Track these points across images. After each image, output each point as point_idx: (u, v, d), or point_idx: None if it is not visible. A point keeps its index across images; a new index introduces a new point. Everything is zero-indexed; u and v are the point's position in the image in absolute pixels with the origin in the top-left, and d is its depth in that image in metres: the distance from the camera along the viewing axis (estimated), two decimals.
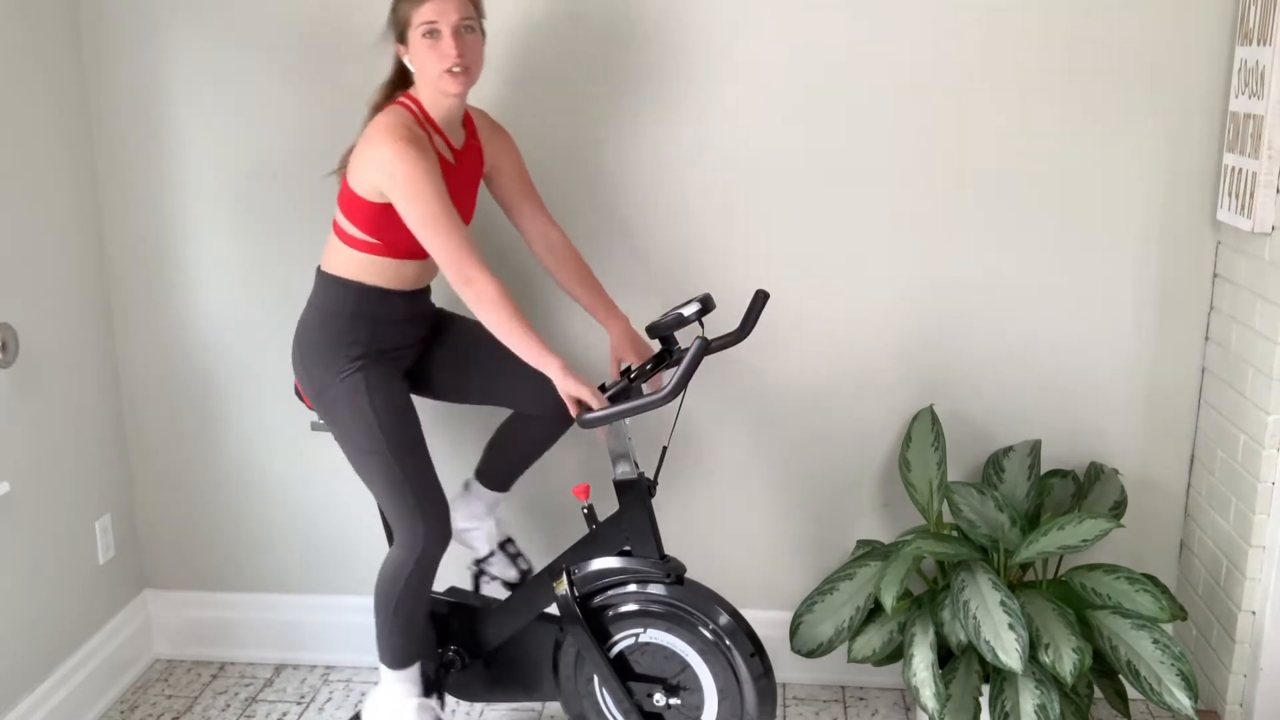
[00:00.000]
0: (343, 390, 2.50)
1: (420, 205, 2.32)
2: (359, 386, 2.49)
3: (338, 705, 3.06)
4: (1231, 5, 2.63)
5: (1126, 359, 2.86)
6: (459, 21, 2.38)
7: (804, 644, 2.74)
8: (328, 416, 2.55)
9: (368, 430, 2.49)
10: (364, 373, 2.50)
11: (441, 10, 2.37)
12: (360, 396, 2.49)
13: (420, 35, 2.38)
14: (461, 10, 2.39)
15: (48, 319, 2.83)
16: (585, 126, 2.85)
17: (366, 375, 2.50)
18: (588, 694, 2.66)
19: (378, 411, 2.49)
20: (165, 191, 2.99)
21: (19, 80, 2.72)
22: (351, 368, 2.50)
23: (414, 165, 2.31)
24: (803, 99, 2.79)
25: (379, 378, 2.51)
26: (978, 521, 2.66)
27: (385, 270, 2.50)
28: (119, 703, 3.08)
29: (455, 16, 2.37)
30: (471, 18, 2.42)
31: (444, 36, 2.37)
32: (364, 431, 2.50)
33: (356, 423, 2.50)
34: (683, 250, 2.90)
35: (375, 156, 2.36)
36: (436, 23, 2.36)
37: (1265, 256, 2.55)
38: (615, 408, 2.33)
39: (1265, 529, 2.61)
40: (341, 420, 2.52)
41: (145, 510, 3.21)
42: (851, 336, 2.91)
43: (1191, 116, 2.71)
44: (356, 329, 2.51)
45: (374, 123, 2.41)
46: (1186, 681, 2.41)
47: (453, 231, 2.33)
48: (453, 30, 2.37)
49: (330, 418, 2.55)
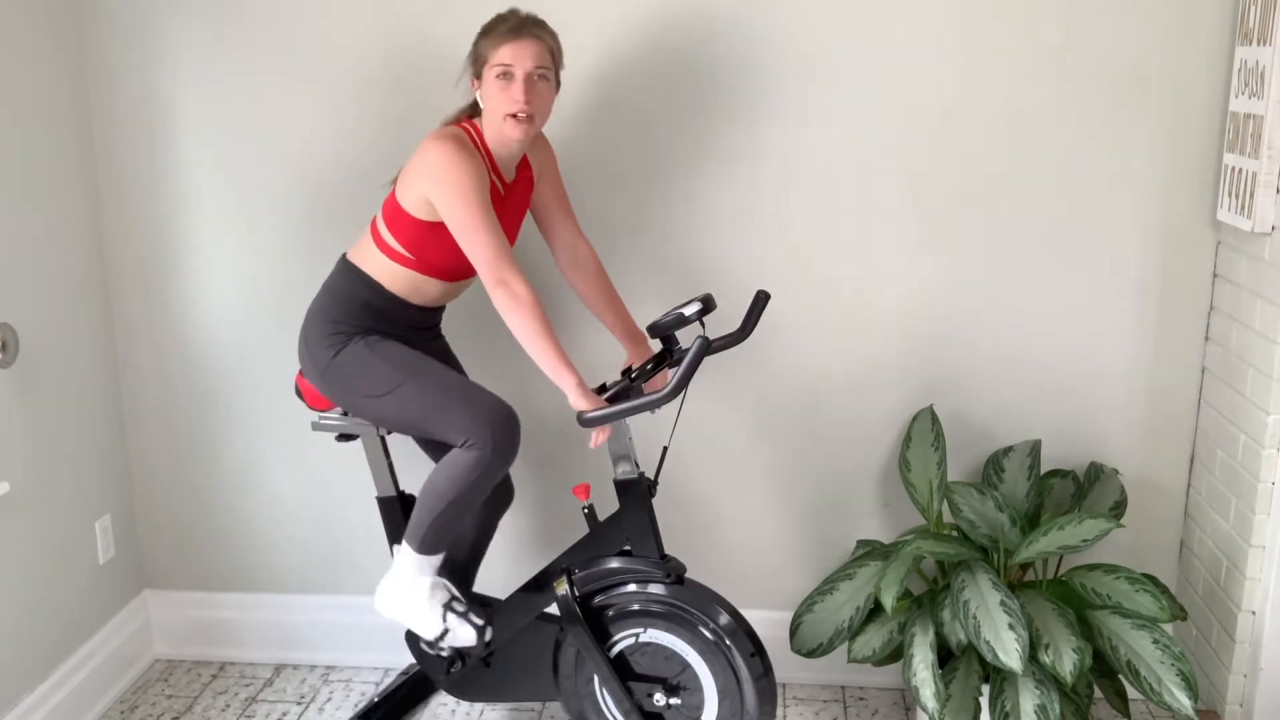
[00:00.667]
0: (344, 356, 2.51)
1: (463, 208, 2.33)
2: (358, 348, 2.51)
3: (338, 705, 3.06)
4: (1231, 5, 2.63)
5: (1126, 359, 2.86)
6: (534, 69, 2.40)
7: (804, 644, 2.74)
8: (336, 388, 2.54)
9: (380, 373, 2.48)
10: (365, 338, 2.52)
11: (518, 55, 2.39)
12: (363, 353, 2.50)
13: (494, 75, 2.40)
14: (538, 58, 2.40)
15: (48, 319, 2.83)
16: (593, 125, 2.85)
17: (367, 339, 2.52)
18: (588, 694, 2.66)
19: (383, 355, 2.49)
20: (166, 191, 2.99)
21: (19, 80, 2.72)
22: (351, 339, 2.52)
23: (461, 169, 2.34)
24: (804, 101, 2.79)
25: (380, 339, 2.53)
26: (978, 521, 2.66)
27: (412, 283, 2.52)
28: (119, 703, 3.08)
29: (531, 64, 2.39)
30: (547, 67, 2.43)
31: (516, 81, 2.39)
32: (377, 377, 2.49)
33: (368, 373, 2.49)
34: (684, 250, 2.90)
35: (423, 161, 2.38)
36: (512, 66, 2.38)
37: (1265, 256, 2.55)
38: (615, 407, 2.34)
39: (1265, 529, 2.61)
40: (352, 382, 2.51)
41: (145, 510, 3.21)
42: (852, 336, 2.91)
43: (1191, 116, 2.71)
44: (363, 317, 2.53)
45: (427, 136, 2.43)
46: (1186, 681, 2.42)
47: (492, 234, 2.34)
48: (525, 76, 2.39)
49: (340, 386, 2.53)
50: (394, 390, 2.48)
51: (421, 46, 2.83)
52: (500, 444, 2.43)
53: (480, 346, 2.95)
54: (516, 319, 2.34)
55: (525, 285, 2.34)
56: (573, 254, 2.70)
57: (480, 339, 2.94)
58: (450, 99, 2.63)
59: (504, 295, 2.33)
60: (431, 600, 2.59)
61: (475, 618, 2.60)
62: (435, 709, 3.03)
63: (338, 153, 2.91)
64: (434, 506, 2.50)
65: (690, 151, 2.84)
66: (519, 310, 2.33)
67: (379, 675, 3.19)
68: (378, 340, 2.53)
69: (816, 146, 2.81)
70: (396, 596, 2.61)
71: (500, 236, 2.36)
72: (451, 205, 2.34)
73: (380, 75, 2.86)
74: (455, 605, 2.61)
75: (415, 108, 2.83)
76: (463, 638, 2.60)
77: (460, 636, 2.60)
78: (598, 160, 2.87)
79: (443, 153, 2.35)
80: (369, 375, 2.50)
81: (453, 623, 2.59)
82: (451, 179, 2.34)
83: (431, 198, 2.38)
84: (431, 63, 2.81)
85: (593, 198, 2.88)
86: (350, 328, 2.53)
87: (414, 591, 2.60)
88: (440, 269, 2.49)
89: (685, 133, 2.83)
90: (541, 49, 2.41)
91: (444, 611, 2.59)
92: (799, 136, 2.81)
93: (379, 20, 2.83)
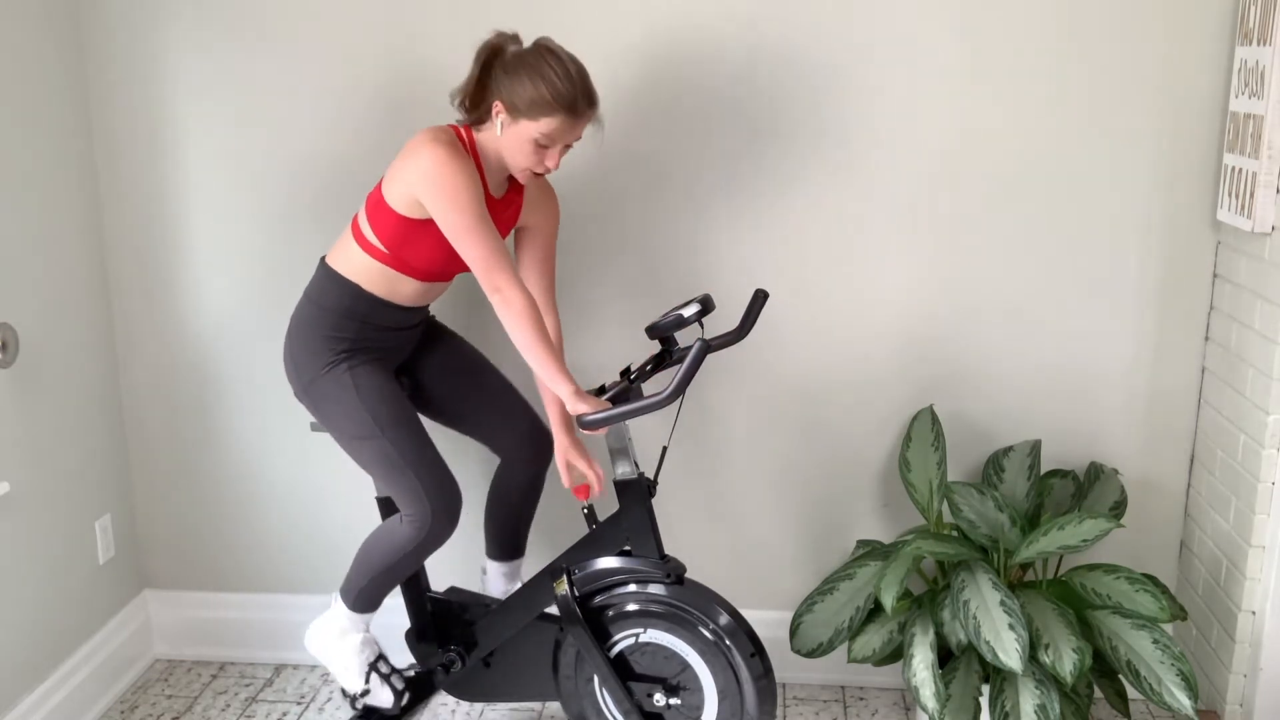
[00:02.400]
0: (328, 382, 2.50)
1: (458, 213, 2.32)
2: (343, 377, 2.50)
3: (338, 705, 3.06)
4: (1231, 5, 2.63)
5: (1126, 359, 2.86)
6: (574, 140, 2.40)
7: (804, 644, 2.74)
8: (315, 409, 2.55)
9: (357, 418, 2.49)
10: (349, 364, 2.51)
11: (570, 135, 2.38)
12: (346, 386, 2.49)
13: (534, 135, 2.35)
14: (580, 134, 2.40)
15: (48, 319, 2.83)
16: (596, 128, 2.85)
17: (352, 366, 2.51)
18: (588, 694, 2.66)
19: (364, 398, 2.49)
20: (166, 191, 2.99)
21: (20, 81, 2.72)
22: (337, 359, 2.51)
23: (455, 173, 2.32)
24: (804, 105, 2.79)
25: (365, 368, 2.52)
26: (978, 521, 2.66)
27: (389, 281, 2.50)
28: (119, 703, 3.08)
29: (574, 138, 2.39)
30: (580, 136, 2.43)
31: (555, 150, 2.38)
32: (354, 419, 2.50)
33: (345, 412, 2.50)
34: (683, 250, 2.90)
35: (416, 164, 2.35)
36: (558, 140, 2.37)
37: (1265, 256, 2.55)
38: (616, 410, 2.33)
39: (1265, 529, 2.61)
40: (329, 412, 2.52)
41: (145, 510, 3.22)
42: (851, 336, 2.91)
43: (1191, 116, 2.71)
44: (345, 326, 2.52)
45: (416, 136, 2.40)
46: (1186, 681, 2.42)
47: (488, 239, 2.33)
48: (564, 148, 2.39)
49: (318, 410, 2.54)
50: (365, 439, 2.50)
51: (420, 52, 2.83)
52: (434, 529, 2.53)
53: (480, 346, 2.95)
54: (512, 326, 2.35)
55: (519, 291, 2.33)
56: None
57: (480, 339, 2.95)
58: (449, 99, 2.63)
59: (499, 303, 2.34)
60: (359, 658, 2.69)
61: (395, 683, 2.70)
62: (435, 709, 3.03)
63: (338, 154, 2.91)
64: (367, 571, 2.61)
65: (691, 152, 2.84)
66: (514, 318, 2.34)
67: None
68: (362, 367, 2.51)
69: (816, 147, 2.81)
70: (325, 643, 2.71)
71: (495, 241, 2.34)
72: (447, 211, 2.33)
73: (380, 77, 2.85)
74: (380, 666, 2.71)
75: (416, 110, 2.83)
76: (381, 700, 2.71)
77: (379, 698, 2.71)
78: (598, 160, 2.86)
79: (437, 157, 2.32)
80: (347, 416, 2.51)
81: (374, 684, 2.70)
82: (447, 184, 2.31)
83: (424, 200, 2.35)
84: (431, 69, 2.81)
85: (593, 198, 2.88)
86: (336, 345, 2.51)
87: (342, 645, 2.69)
88: (415, 268, 2.48)
89: (686, 135, 2.83)
90: (587, 126, 2.40)
91: (369, 671, 2.69)
92: (799, 139, 2.81)
93: (379, 20, 2.83)
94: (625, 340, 2.85)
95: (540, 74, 2.32)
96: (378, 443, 2.49)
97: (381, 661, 2.72)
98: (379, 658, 2.72)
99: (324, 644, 2.71)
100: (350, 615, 2.68)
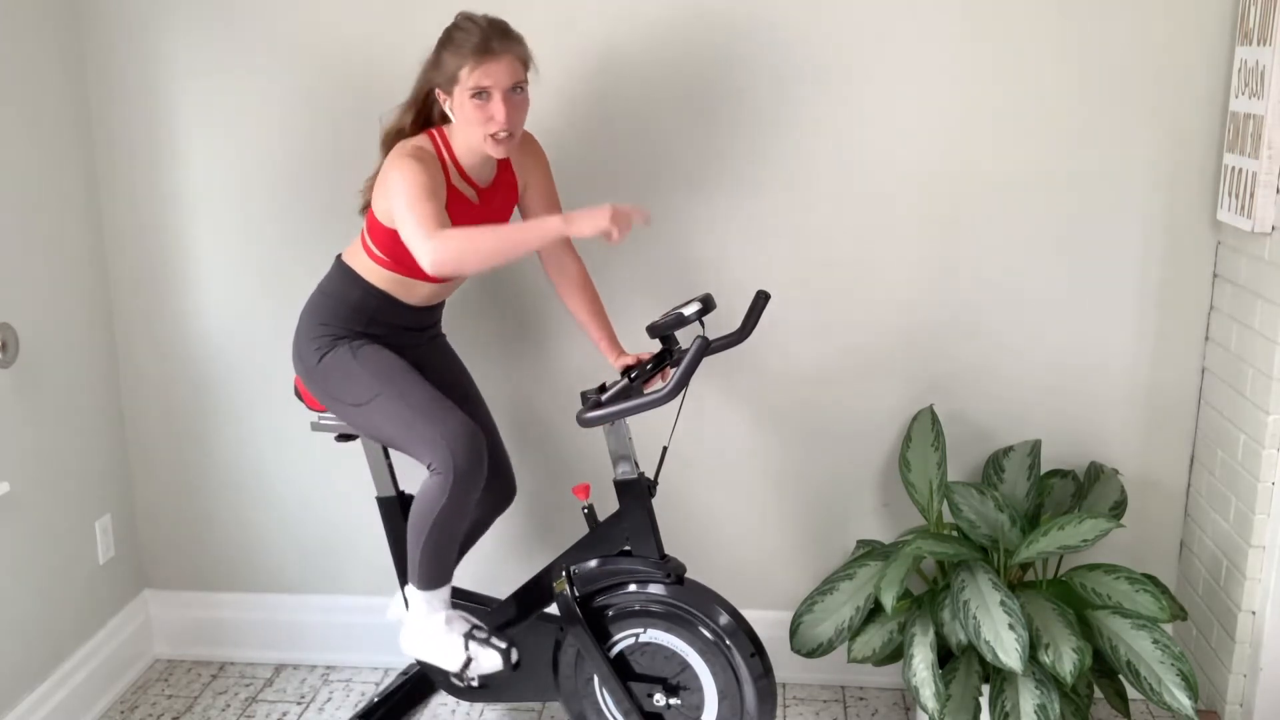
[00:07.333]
0: (331, 358, 2.52)
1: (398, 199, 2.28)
2: (344, 353, 2.51)
3: (338, 705, 3.06)
4: (1231, 5, 2.63)
5: (1126, 359, 2.86)
6: (510, 86, 2.35)
7: (804, 644, 2.74)
8: (322, 388, 2.55)
9: (362, 381, 2.48)
10: (349, 343, 2.52)
11: (495, 75, 2.32)
12: (348, 359, 2.50)
13: (469, 95, 2.33)
14: (513, 74, 2.35)
15: (48, 319, 2.83)
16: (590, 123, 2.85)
17: (352, 344, 2.52)
18: (588, 694, 2.66)
19: (365, 363, 2.49)
20: (165, 191, 2.99)
21: (20, 81, 2.72)
22: (340, 341, 2.52)
23: (411, 172, 2.30)
24: (805, 104, 2.79)
25: (369, 346, 2.53)
26: (978, 521, 2.66)
27: (400, 285, 2.52)
28: (119, 703, 3.08)
29: (507, 81, 2.34)
30: (523, 80, 2.38)
31: (494, 100, 2.33)
32: (358, 384, 2.49)
33: (348, 379, 2.50)
34: (683, 250, 2.90)
35: (386, 180, 2.37)
36: (488, 87, 2.33)
37: (1265, 256, 2.55)
38: (615, 406, 2.34)
39: (1265, 529, 2.61)
40: (334, 387, 2.52)
41: (145, 510, 3.21)
42: (851, 336, 2.91)
43: (1191, 116, 2.71)
44: (355, 319, 2.53)
45: (391, 152, 2.40)
46: (1186, 681, 2.42)
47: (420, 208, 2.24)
48: (503, 95, 2.34)
49: (324, 389, 2.54)
50: (371, 401, 2.48)
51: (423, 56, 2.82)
52: (462, 467, 2.42)
53: (480, 347, 2.95)
54: (461, 250, 2.20)
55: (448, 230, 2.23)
56: (560, 265, 2.69)
57: (481, 339, 2.95)
58: None
59: (439, 244, 2.20)
60: (450, 633, 2.59)
61: (498, 641, 2.58)
62: (435, 709, 3.03)
63: (338, 154, 2.91)
64: (418, 541, 2.52)
65: (691, 152, 2.84)
66: (458, 240, 2.21)
67: (379, 675, 3.19)
68: (363, 345, 2.52)
69: (816, 148, 2.81)
70: (417, 637, 2.61)
71: (427, 209, 2.25)
72: (397, 199, 2.30)
73: (383, 83, 2.85)
74: (476, 634, 2.60)
75: None
76: (487, 664, 2.58)
77: (484, 664, 2.58)
78: (598, 161, 2.86)
79: (399, 168, 2.31)
80: (350, 382, 2.50)
81: (475, 651, 2.58)
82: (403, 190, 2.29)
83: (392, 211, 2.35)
84: None
85: (593, 198, 2.88)
86: (339, 330, 2.53)
87: (431, 628, 2.60)
88: (421, 273, 2.48)
89: (686, 134, 2.83)
90: (515, 64, 2.35)
91: (465, 641, 2.59)
92: (799, 138, 2.81)
93: (382, 26, 2.83)
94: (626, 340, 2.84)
95: (448, 37, 2.37)
96: (384, 400, 2.46)
97: (476, 630, 2.61)
98: (472, 626, 2.62)
99: (415, 638, 2.62)
100: (426, 597, 2.58)
